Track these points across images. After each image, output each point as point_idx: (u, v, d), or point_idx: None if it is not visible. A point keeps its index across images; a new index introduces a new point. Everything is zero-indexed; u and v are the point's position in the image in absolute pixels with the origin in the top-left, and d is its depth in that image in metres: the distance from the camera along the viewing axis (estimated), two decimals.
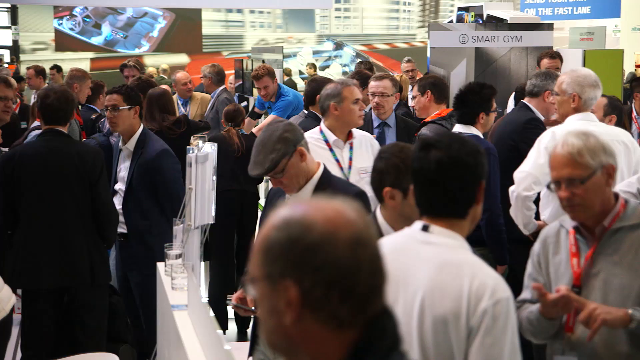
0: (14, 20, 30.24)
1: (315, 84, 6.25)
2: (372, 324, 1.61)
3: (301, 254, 1.58)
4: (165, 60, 20.73)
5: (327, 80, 6.42)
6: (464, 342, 2.33)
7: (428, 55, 9.05)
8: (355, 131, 4.87)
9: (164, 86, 7.74)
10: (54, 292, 4.97)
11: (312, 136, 4.67)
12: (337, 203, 1.65)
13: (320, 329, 1.59)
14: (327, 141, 4.80)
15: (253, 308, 3.74)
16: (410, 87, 9.02)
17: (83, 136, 6.89)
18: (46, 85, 10.78)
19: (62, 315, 5.02)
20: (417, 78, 8.68)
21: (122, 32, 21.80)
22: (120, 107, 5.35)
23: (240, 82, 10.69)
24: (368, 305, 1.61)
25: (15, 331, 4.83)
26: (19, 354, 5.27)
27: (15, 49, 29.89)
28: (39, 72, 11.21)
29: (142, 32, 22.13)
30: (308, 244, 1.58)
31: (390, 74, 7.30)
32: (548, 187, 3.12)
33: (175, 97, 8.52)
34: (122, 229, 5.37)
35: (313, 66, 18.83)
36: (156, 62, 19.74)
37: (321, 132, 4.84)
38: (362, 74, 7.17)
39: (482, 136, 5.02)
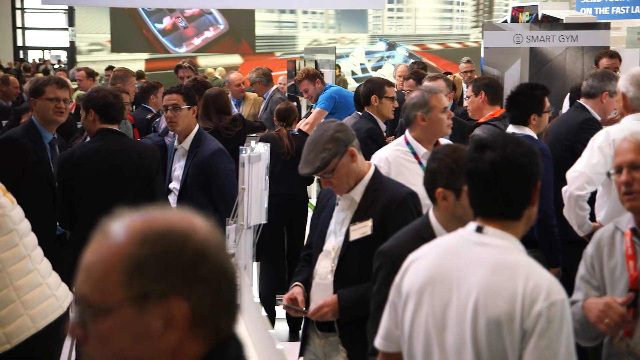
0: (71, 22, 30.71)
1: (371, 85, 6.23)
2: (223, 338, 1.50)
3: (187, 265, 1.46)
4: (219, 61, 20.87)
5: (383, 81, 6.41)
6: (518, 344, 2.31)
7: (482, 55, 8.98)
8: (442, 141, 4.61)
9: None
10: None
11: (398, 148, 4.57)
12: (175, 211, 1.56)
13: (197, 346, 1.47)
14: (415, 154, 4.58)
15: (304, 308, 3.75)
16: (465, 88, 8.97)
17: (136, 135, 6.95)
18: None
19: None
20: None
21: (184, 22, 21.97)
22: (182, 107, 5.39)
23: (293, 83, 10.73)
24: (237, 314, 1.52)
25: None
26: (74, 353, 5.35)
27: (71, 50, 30.36)
28: (90, 74, 11.35)
29: (200, 29, 22.29)
30: (193, 253, 1.47)
31: (443, 74, 7.27)
32: (608, 174, 3.12)
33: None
34: None
35: (338, 67, 18.63)
36: (210, 63, 19.88)
37: (407, 143, 4.61)
38: (418, 73, 7.14)
39: (535, 137, 4.96)
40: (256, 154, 3.89)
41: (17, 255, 3.71)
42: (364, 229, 3.63)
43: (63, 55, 33.86)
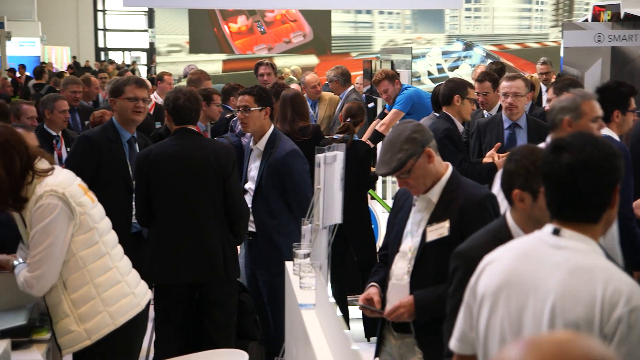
0: (150, 23, 31.21)
1: (454, 84, 6.18)
2: None
3: None
4: (295, 61, 20.96)
5: (466, 82, 6.35)
6: None
7: (561, 55, 8.85)
8: None
9: (295, 85, 7.82)
10: (186, 288, 5.09)
11: None
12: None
13: None
14: None
15: (380, 309, 3.75)
16: (544, 89, 8.84)
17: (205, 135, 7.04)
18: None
19: (193, 312, 5.13)
20: (552, 80, 8.49)
21: (263, 27, 22.12)
22: (252, 108, 5.44)
23: (369, 85, 10.70)
24: None
25: (150, 326, 4.98)
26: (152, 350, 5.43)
27: (151, 52, 30.85)
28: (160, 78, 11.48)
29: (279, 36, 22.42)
30: None
31: (522, 74, 7.17)
32: None
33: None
34: (251, 227, 5.46)
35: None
36: (285, 63, 19.98)
37: None
38: (493, 75, 7.05)
39: (616, 137, 4.84)
40: (332, 155, 3.90)
41: (97, 253, 3.79)
42: (441, 230, 3.61)
43: (143, 57, 34.44)
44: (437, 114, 6.30)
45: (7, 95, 9.76)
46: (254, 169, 5.54)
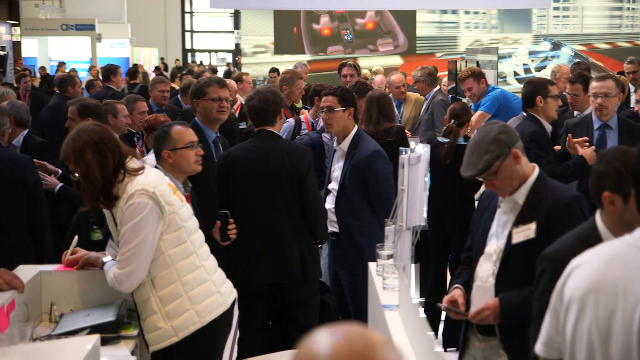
0: (236, 24, 31.54)
1: (533, 86, 6.08)
2: None
3: None
4: (379, 62, 20.93)
5: (545, 80, 6.25)
6: None
7: None
8: None
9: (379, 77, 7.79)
10: (268, 289, 5.13)
11: None
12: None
13: None
14: None
15: (464, 311, 3.72)
16: (632, 89, 8.63)
17: None
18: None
19: (275, 312, 5.17)
20: None
21: (351, 36, 22.17)
22: (335, 109, 5.46)
23: (454, 84, 10.62)
24: None
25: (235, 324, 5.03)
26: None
27: (236, 53, 31.19)
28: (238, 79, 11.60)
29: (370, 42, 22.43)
30: None
31: (612, 74, 7.02)
32: None
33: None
34: (334, 227, 5.47)
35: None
36: (369, 64, 19.97)
37: None
38: (586, 76, 6.91)
39: None
40: (416, 155, 3.88)
41: (185, 252, 3.85)
42: (527, 232, 3.56)
43: (228, 57, 34.85)
44: (526, 114, 6.19)
45: (76, 94, 9.93)
46: (337, 170, 5.55)
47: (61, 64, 21.76)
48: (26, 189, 5.12)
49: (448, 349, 6.16)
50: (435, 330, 6.36)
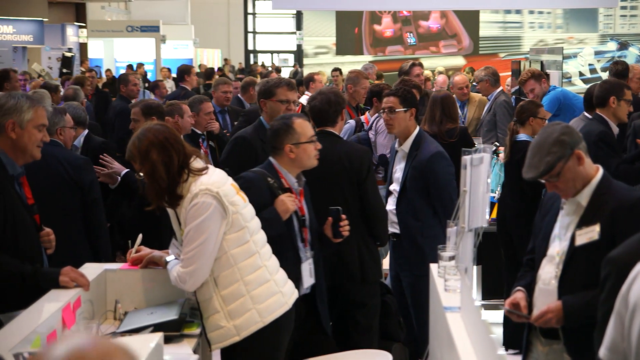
0: (298, 25, 31.65)
1: (610, 86, 5.98)
2: None
3: None
4: (441, 62, 20.83)
5: (622, 84, 6.15)
6: None
7: None
8: None
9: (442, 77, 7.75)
10: (328, 290, 5.13)
11: None
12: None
13: None
14: None
15: (526, 314, 3.68)
16: None
17: None
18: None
19: (336, 312, 5.17)
20: None
21: (415, 39, 22.10)
22: (397, 110, 5.44)
23: (517, 86, 10.52)
24: None
25: None
26: None
27: (298, 53, 31.30)
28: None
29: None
30: None
31: None
32: None
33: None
34: (394, 229, 5.45)
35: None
36: (432, 64, 19.88)
37: None
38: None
39: None
40: (479, 157, 3.85)
41: (247, 252, 3.87)
42: (591, 234, 3.51)
43: (290, 58, 34.99)
44: (589, 115, 6.10)
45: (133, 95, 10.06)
46: (398, 171, 5.54)
47: (130, 67, 22.02)
48: (81, 189, 5.17)
49: (509, 350, 6.11)
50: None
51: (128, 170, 5.84)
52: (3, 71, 10.59)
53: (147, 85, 15.53)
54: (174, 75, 20.94)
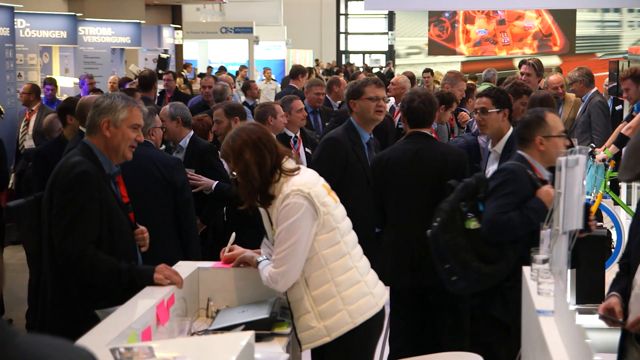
0: (390, 26, 31.61)
1: None
2: None
3: None
4: None
5: None
6: None
7: None
8: None
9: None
10: (418, 291, 5.11)
11: None
12: None
13: None
14: None
15: (621, 320, 3.60)
16: None
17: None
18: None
19: (427, 314, 5.14)
20: None
21: (508, 39, 21.86)
22: (489, 110, 5.39)
23: (615, 85, 10.29)
24: None
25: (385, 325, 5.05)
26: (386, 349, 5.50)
27: (390, 54, 31.25)
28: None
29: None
30: None
31: None
32: None
33: None
34: None
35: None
36: None
37: None
38: None
39: None
40: (574, 158, 3.78)
41: (338, 253, 3.88)
42: None
43: (382, 59, 34.96)
44: None
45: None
46: (491, 172, 5.47)
47: (223, 68, 22.30)
48: (173, 190, 5.24)
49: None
50: None
51: (217, 182, 5.94)
52: (150, 74, 10.92)
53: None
54: (273, 76, 21.30)
